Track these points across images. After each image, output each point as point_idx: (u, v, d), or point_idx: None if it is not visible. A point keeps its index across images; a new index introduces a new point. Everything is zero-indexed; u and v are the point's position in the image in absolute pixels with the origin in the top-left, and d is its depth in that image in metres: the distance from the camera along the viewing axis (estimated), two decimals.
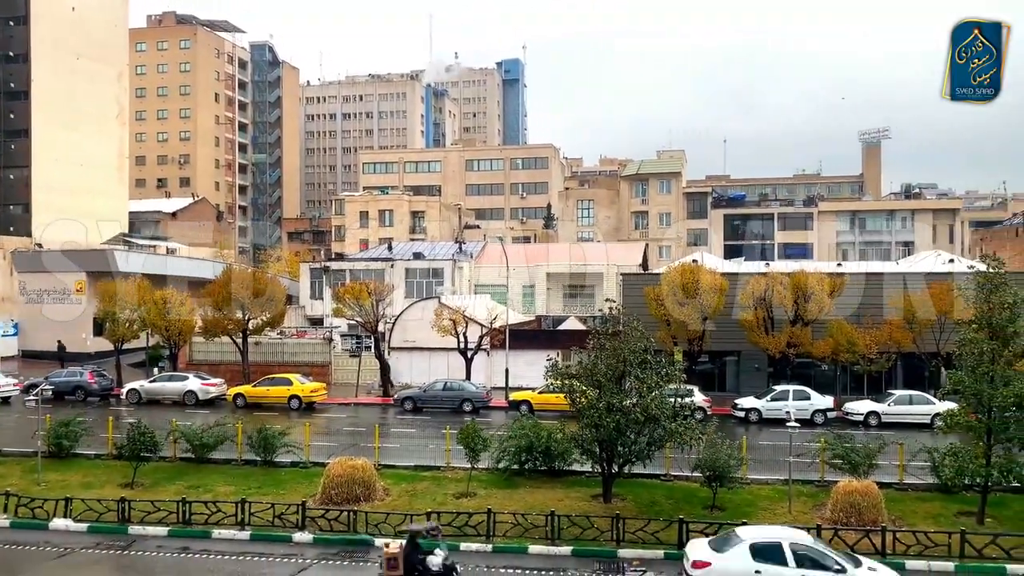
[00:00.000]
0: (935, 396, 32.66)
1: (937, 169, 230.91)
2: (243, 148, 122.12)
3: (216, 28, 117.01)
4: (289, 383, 38.16)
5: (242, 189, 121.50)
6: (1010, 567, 17.89)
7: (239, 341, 42.75)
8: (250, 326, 42.46)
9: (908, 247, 73.36)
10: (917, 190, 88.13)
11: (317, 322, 55.57)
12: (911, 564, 18.07)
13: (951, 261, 48.24)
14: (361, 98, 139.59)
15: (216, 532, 20.18)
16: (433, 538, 16.07)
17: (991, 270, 20.95)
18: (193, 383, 39.16)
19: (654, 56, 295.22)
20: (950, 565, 18.03)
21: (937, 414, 28.87)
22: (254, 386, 38.65)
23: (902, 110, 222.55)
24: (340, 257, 69.87)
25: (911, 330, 35.83)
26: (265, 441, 25.31)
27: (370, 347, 43.71)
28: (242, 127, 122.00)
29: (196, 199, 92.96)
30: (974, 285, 20.92)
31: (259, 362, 44.57)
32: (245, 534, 20.09)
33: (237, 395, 38.07)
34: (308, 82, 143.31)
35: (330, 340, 48.29)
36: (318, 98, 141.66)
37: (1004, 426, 19.61)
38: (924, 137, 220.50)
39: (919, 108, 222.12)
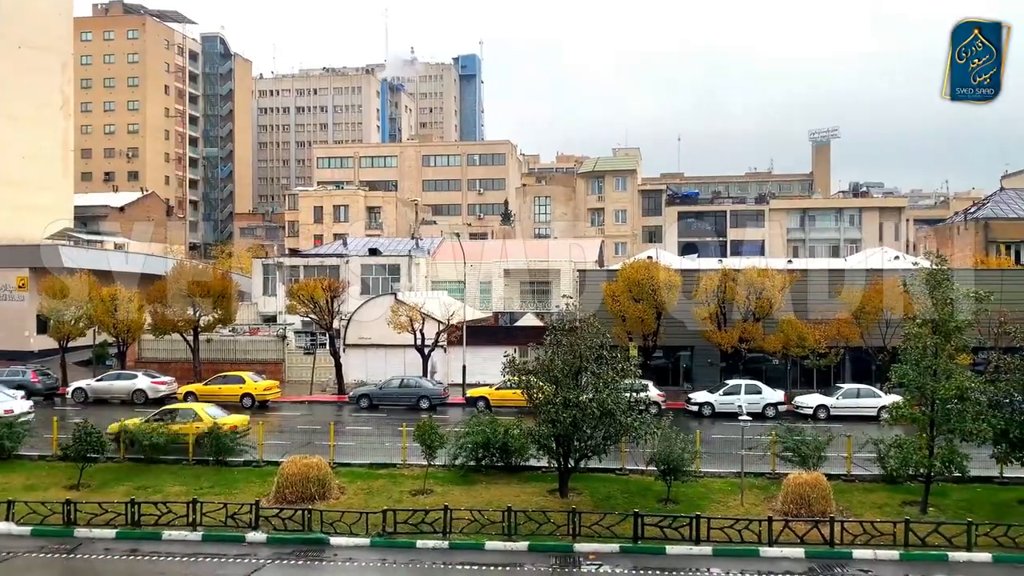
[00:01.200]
0: (881, 389, 33.56)
1: (883, 169, 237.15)
2: (194, 142, 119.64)
3: (165, 18, 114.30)
4: (242, 381, 37.58)
5: (193, 183, 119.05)
6: (951, 554, 18.50)
7: (190, 339, 41.94)
8: (201, 323, 41.67)
9: (856, 244, 75.15)
10: (864, 189, 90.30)
11: (270, 319, 54.75)
12: (858, 553, 18.58)
13: (896, 258, 49.55)
14: (315, 92, 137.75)
15: (167, 533, 19.78)
16: None
17: (934, 267, 21.62)
18: (142, 381, 38.32)
19: (610, 55, 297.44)
20: (895, 553, 18.57)
21: (883, 407, 29.69)
22: (205, 384, 37.96)
23: (851, 111, 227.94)
24: (294, 253, 68.98)
25: (858, 325, 36.73)
26: (217, 440, 24.89)
27: (325, 344, 43.25)
28: (193, 120, 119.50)
29: (145, 193, 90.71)
30: (918, 281, 21.53)
31: (211, 360, 43.78)
32: (197, 535, 19.73)
33: (188, 393, 37.33)
34: (261, 75, 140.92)
35: (284, 337, 47.67)
36: (271, 91, 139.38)
37: (946, 418, 20.24)
38: (871, 138, 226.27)
39: (867, 110, 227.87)
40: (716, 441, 28.69)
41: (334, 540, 19.32)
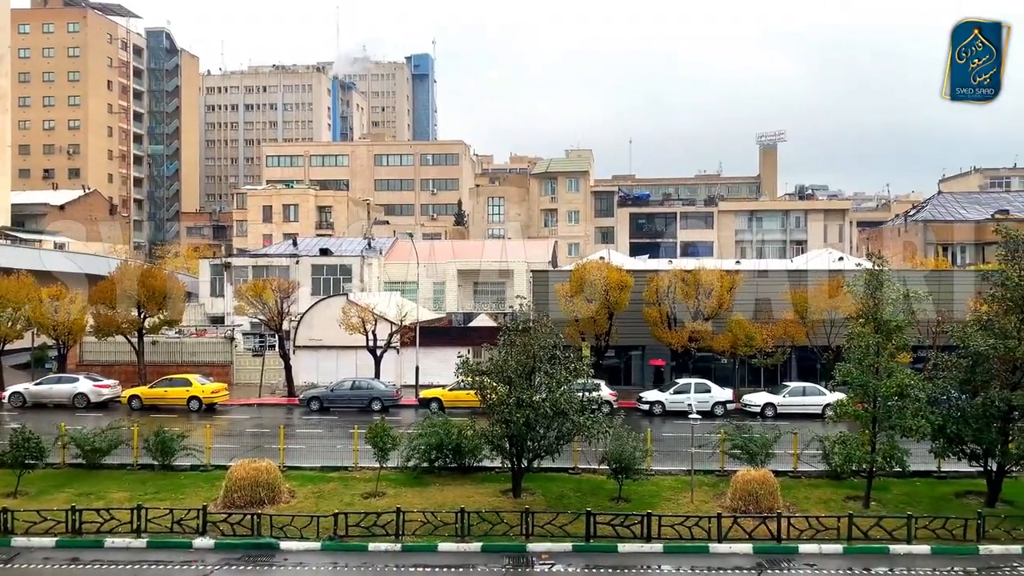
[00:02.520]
0: (826, 387, 34.40)
1: (828, 171, 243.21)
2: (139, 139, 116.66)
3: (108, 12, 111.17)
4: (188, 384, 36.81)
5: (137, 181, 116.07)
6: (892, 547, 19.06)
7: (134, 341, 40.87)
8: (146, 325, 40.64)
9: (801, 245, 76.91)
10: (810, 191, 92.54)
11: (218, 320, 53.73)
12: (804, 548, 19.01)
13: (840, 259, 50.83)
14: (265, 89, 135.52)
15: (109, 541, 19.24)
16: None
17: (876, 268, 22.25)
18: (84, 385, 37.25)
19: (561, 56, 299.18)
20: (839, 547, 19.06)
21: (828, 404, 30.46)
22: (151, 387, 37.07)
23: (797, 115, 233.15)
24: (242, 253, 67.72)
25: (804, 325, 37.58)
26: (163, 444, 24.32)
27: (274, 346, 42.59)
28: (137, 117, 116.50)
29: (87, 191, 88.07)
30: (861, 282, 22.12)
31: (156, 363, 42.77)
32: (141, 542, 19.23)
33: (132, 397, 36.46)
34: (209, 71, 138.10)
35: (232, 339, 46.82)
36: (219, 88, 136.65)
37: (887, 415, 20.83)
38: (816, 142, 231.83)
39: (812, 115, 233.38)
40: (667, 439, 29.07)
41: (284, 544, 19.03)
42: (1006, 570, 18.08)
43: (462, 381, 22.85)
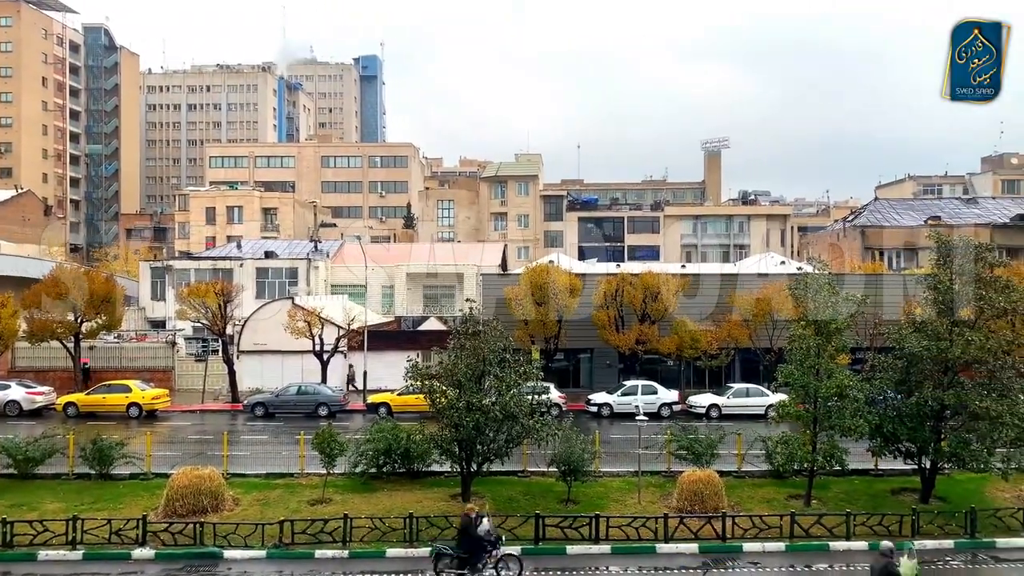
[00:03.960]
0: (769, 389, 35.17)
1: (771, 177, 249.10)
2: (75, 138, 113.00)
3: (43, 6, 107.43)
4: (128, 390, 35.77)
5: (74, 182, 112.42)
6: (832, 544, 19.59)
7: (70, 346, 39.52)
8: (83, 329, 39.35)
9: (745, 250, 78.55)
10: (753, 197, 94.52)
11: (159, 325, 52.39)
12: (748, 547, 19.39)
13: (782, 263, 52.14)
14: (208, 89, 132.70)
15: (43, 554, 18.55)
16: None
17: (816, 271, 22.86)
18: (16, 392, 35.92)
19: (514, 62, 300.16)
20: (782, 545, 19.50)
21: (770, 405, 31.11)
22: (88, 394, 35.93)
23: (740, 122, 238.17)
24: (185, 255, 66.12)
25: (747, 327, 38.38)
26: (100, 453, 23.55)
27: (217, 351, 41.69)
28: (74, 115, 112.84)
29: (20, 191, 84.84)
30: (802, 285, 22.70)
31: (95, 368, 41.48)
32: (77, 554, 18.59)
33: (68, 404, 35.27)
34: (150, 70, 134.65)
35: (173, 344, 45.66)
36: (161, 87, 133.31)
37: (827, 415, 21.39)
38: (760, 149, 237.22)
39: (755, 122, 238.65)
40: (615, 441, 29.35)
41: (228, 553, 18.63)
42: (939, 564, 18.74)
43: (411, 385, 22.68)
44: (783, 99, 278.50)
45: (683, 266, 54.30)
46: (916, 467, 22.54)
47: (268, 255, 56.46)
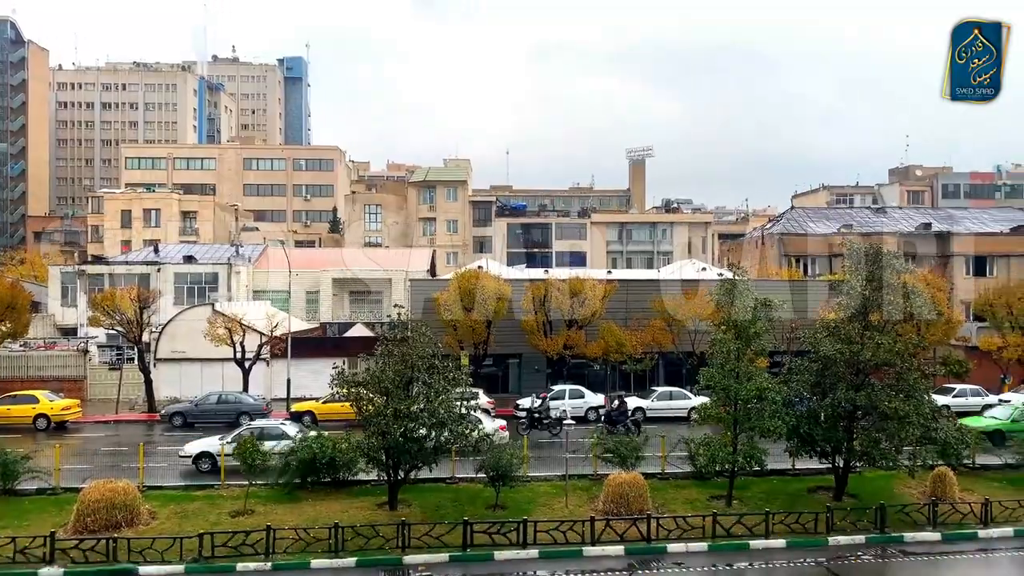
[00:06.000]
0: (691, 391, 36.01)
1: (694, 186, 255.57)
2: None
3: None
4: (35, 401, 34.13)
5: None
6: (752, 542, 20.17)
7: None
8: None
9: (668, 256, 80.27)
10: (675, 205, 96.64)
11: (70, 332, 50.09)
12: (672, 547, 19.78)
13: (704, 269, 53.46)
14: (124, 87, 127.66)
15: None
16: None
17: (736, 277, 23.56)
18: None
19: (443, 67, 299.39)
20: (704, 545, 19.96)
21: (693, 408, 31.84)
22: None
23: (667, 134, 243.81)
24: (98, 260, 63.38)
25: (671, 332, 39.24)
26: (4, 467, 22.36)
27: (133, 359, 40.12)
28: None
29: None
30: (722, 291, 23.35)
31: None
32: None
33: None
34: (60, 66, 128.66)
35: (85, 352, 43.75)
36: (73, 84, 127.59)
37: (747, 416, 22.06)
38: (682, 158, 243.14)
39: (677, 132, 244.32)
40: (543, 445, 29.53)
41: (143, 570, 17.91)
42: (852, 559, 19.52)
43: (337, 393, 22.33)
44: (701, 111, 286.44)
45: (609, 272, 55.12)
46: (830, 466, 23.43)
47: (187, 260, 54.74)
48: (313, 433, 24.27)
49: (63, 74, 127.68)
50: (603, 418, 20.99)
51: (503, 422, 30.19)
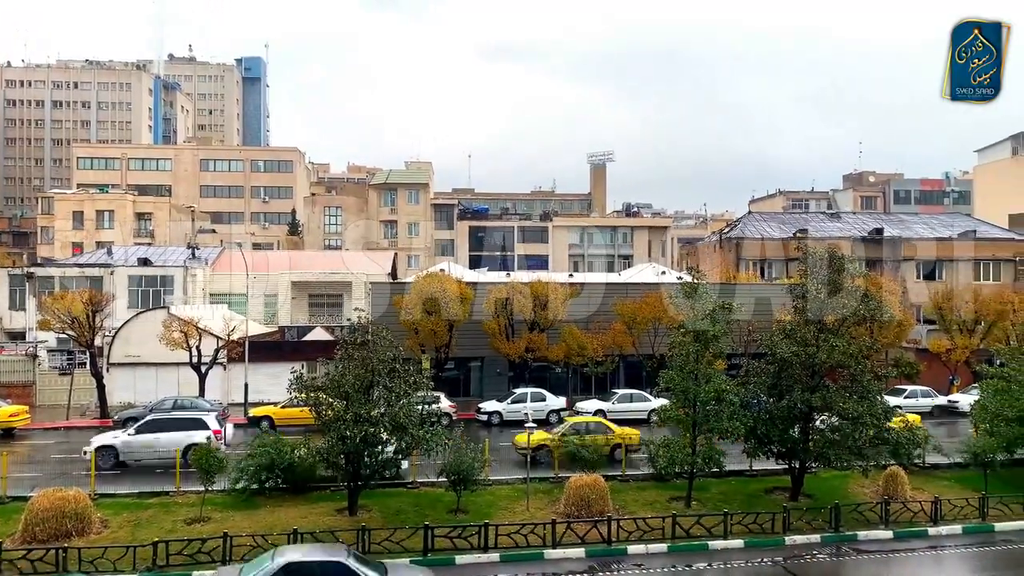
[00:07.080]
0: (651, 394, 36.31)
1: (654, 191, 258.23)
2: None
3: None
4: None
5: None
6: (711, 543, 20.41)
7: None
8: None
9: (628, 260, 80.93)
10: (636, 209, 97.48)
11: (18, 336, 48.72)
12: (632, 549, 19.92)
13: (663, 273, 53.93)
14: (76, 85, 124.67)
15: None
16: None
17: (694, 281, 23.84)
18: None
19: (401, 64, 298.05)
20: (664, 546, 20.14)
21: (653, 410, 32.12)
22: None
23: (628, 139, 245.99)
24: (48, 262, 61.72)
25: (631, 335, 39.52)
26: None
27: (85, 363, 39.12)
28: None
29: None
30: (681, 294, 23.61)
31: None
32: None
33: None
34: (9, 63, 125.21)
35: (35, 356, 42.55)
36: (22, 82, 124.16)
37: (706, 418, 22.33)
38: (643, 163, 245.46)
39: (636, 137, 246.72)
40: (505, 449, 29.50)
41: None
42: (807, 558, 19.86)
43: (295, 398, 22.03)
44: (661, 117, 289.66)
45: (571, 275, 55.28)
46: (787, 467, 23.83)
47: (142, 262, 53.60)
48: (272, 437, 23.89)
49: (11, 71, 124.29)
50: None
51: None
